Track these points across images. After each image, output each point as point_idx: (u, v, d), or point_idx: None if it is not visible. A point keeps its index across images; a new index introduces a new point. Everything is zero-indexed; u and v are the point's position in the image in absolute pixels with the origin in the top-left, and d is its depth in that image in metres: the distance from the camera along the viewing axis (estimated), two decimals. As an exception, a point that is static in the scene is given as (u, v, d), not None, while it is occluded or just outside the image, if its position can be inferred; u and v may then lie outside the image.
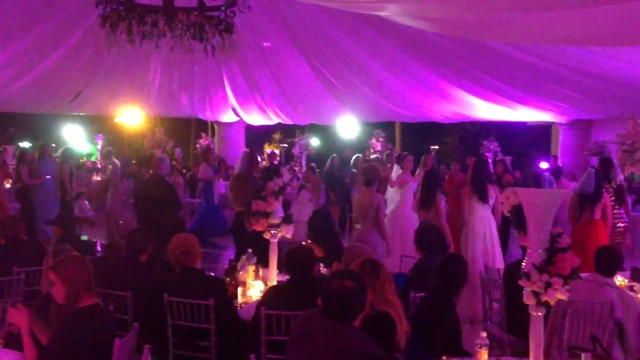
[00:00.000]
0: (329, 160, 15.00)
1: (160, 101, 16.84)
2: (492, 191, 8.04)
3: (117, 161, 13.55)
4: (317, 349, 3.28)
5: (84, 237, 9.84)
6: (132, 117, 18.11)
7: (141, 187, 10.55)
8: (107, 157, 14.65)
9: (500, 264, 7.77)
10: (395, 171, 10.43)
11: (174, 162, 17.86)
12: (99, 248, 7.16)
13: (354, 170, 14.46)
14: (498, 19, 6.04)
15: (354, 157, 15.43)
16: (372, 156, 15.50)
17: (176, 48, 7.71)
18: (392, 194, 10.10)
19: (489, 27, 6.66)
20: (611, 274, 5.22)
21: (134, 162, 16.89)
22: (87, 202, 14.10)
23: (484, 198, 7.98)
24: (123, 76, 14.06)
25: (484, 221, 8.06)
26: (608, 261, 5.22)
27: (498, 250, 8.16)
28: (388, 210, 9.41)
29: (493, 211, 8.07)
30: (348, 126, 18.87)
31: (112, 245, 6.20)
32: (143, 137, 19.52)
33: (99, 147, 19.89)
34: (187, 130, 28.14)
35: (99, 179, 16.37)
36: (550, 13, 5.50)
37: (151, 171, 10.41)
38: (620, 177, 7.95)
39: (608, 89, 11.54)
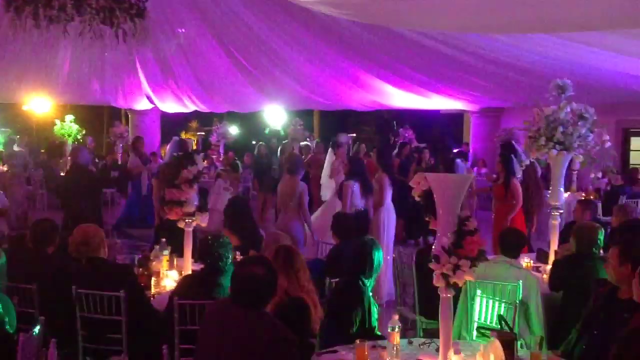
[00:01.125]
0: (256, 149, 14.92)
1: (70, 88, 16.23)
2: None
3: (19, 149, 13.01)
4: (229, 338, 3.26)
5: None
6: (40, 105, 17.41)
7: (60, 178, 10.19)
8: (9, 147, 14.09)
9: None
10: (329, 158, 10.50)
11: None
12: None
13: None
14: (410, 5, 6.13)
15: (282, 144, 15.41)
16: (303, 143, 15.49)
17: (85, 33, 7.46)
18: (326, 181, 10.17)
19: (402, 14, 6.75)
20: (515, 255, 5.42)
21: (42, 151, 16.30)
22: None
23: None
24: (30, 63, 13.46)
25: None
26: (512, 243, 5.43)
27: None
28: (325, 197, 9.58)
29: None
30: (274, 115, 18.76)
31: (17, 237, 5.94)
32: (53, 126, 18.84)
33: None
34: (99, 118, 27.37)
35: (5, 168, 15.71)
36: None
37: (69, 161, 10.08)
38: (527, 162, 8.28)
39: (516, 78, 11.95)
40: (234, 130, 20.97)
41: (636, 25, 6.33)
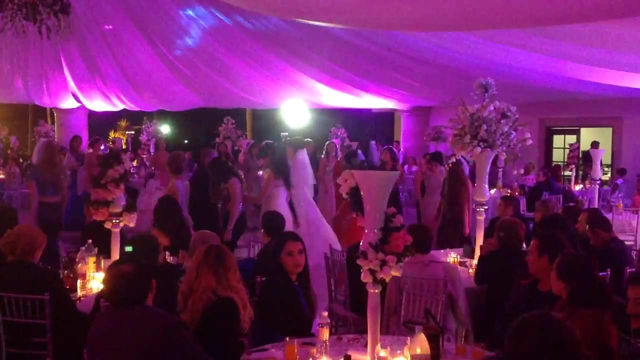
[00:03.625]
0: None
1: (-9, 86, 15.67)
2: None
3: None
4: (121, 339, 3.31)
5: None
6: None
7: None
8: None
9: None
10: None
11: (9, 151, 16.80)
12: None
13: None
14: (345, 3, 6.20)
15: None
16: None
17: (7, 29, 7.24)
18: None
19: (329, 12, 6.82)
20: (427, 250, 5.50)
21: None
22: None
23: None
24: (-53, 59, 12.92)
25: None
26: (420, 239, 5.47)
27: None
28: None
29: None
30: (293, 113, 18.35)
31: None
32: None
33: None
34: (24, 117, 26.50)
35: None
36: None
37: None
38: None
39: (442, 77, 12.22)
40: (165, 129, 20.64)
41: (554, 23, 6.59)
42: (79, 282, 5.28)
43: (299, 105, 16.54)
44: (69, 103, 17.98)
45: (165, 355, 3.29)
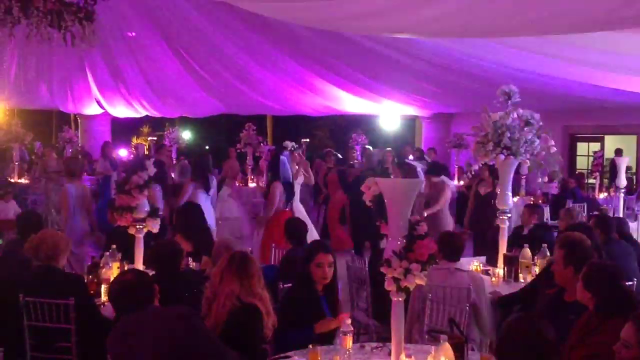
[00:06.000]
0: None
1: (17, 92, 15.83)
2: None
3: None
4: (137, 340, 3.40)
5: None
6: (-15, 109, 16.96)
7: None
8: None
9: None
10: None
11: (33, 156, 16.99)
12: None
13: None
14: (361, 10, 6.20)
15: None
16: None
17: (33, 36, 7.31)
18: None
19: (353, 19, 6.83)
20: (456, 258, 5.46)
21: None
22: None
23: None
24: (-27, 65, 13.11)
25: None
26: (451, 247, 5.44)
27: None
28: None
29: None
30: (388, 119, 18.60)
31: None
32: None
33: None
34: (48, 123, 26.76)
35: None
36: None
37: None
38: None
39: (465, 84, 12.15)
40: (186, 135, 20.77)
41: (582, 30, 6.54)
42: (103, 287, 5.32)
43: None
44: (92, 109, 18.16)
45: (182, 343, 3.36)
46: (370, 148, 13.95)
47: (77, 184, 8.36)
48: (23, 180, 14.54)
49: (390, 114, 18.46)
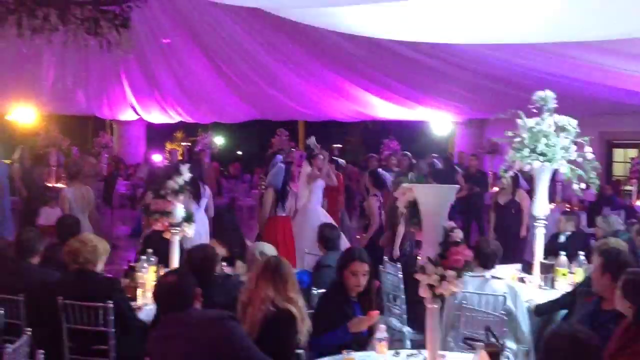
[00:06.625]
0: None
1: (54, 98, 16.16)
2: None
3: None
4: (175, 342, 3.46)
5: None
6: (24, 115, 17.27)
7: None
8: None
9: None
10: (305, 169, 10.53)
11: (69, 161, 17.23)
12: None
13: None
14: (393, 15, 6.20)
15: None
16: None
17: (70, 43, 7.44)
18: (301, 189, 10.20)
19: (384, 24, 6.82)
20: (491, 266, 5.40)
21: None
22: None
23: None
24: (13, 72, 13.39)
25: None
26: (487, 254, 5.39)
27: None
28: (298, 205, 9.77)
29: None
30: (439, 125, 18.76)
31: (0, 247, 5.85)
32: (36, 136, 18.67)
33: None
34: (84, 128, 27.20)
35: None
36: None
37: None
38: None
39: (499, 89, 12.03)
40: (219, 140, 20.93)
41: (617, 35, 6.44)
42: (139, 290, 5.37)
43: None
44: (128, 115, 18.41)
45: (219, 346, 3.43)
46: (409, 154, 13.88)
47: (77, 187, 8.27)
48: (60, 185, 14.77)
49: (422, 119, 18.37)
